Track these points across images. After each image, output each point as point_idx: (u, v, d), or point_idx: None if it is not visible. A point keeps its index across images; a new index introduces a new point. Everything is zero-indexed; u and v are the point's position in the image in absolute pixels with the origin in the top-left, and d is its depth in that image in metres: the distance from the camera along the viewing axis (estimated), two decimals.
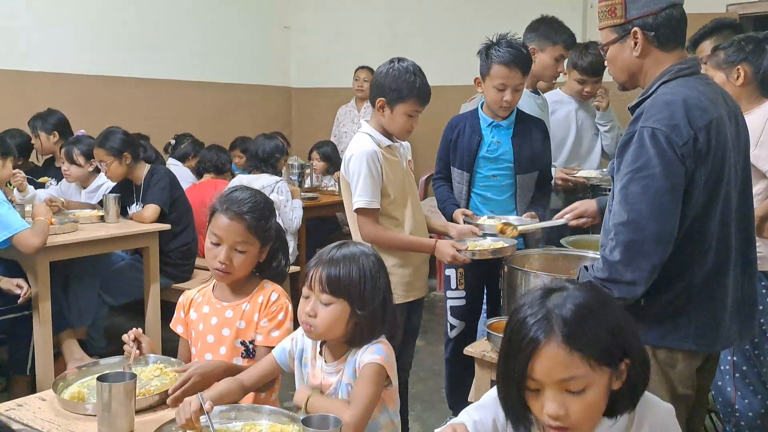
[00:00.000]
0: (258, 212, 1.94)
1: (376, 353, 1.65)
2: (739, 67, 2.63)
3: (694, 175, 1.72)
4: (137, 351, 1.91)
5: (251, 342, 1.95)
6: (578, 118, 3.63)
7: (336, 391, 1.68)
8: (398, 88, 2.48)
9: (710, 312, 1.78)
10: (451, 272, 2.92)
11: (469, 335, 2.95)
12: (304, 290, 1.68)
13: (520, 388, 1.23)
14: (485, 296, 3.08)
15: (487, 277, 2.92)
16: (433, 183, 3.11)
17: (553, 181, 3.11)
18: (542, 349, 1.18)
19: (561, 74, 3.28)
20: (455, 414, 2.96)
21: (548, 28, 3.15)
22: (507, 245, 2.54)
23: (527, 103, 3.08)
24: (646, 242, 1.70)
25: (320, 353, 1.74)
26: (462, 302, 2.94)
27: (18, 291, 3.21)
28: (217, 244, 1.93)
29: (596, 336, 1.19)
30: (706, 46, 3.02)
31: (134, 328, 1.95)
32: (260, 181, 4.21)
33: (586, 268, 1.85)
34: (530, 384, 1.21)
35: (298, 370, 1.79)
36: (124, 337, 1.93)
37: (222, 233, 1.92)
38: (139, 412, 1.68)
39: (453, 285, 2.94)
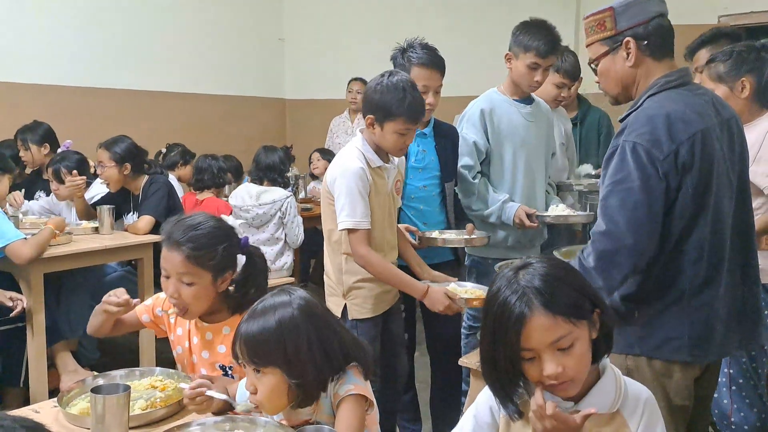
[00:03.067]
0: (198, 241, 1.79)
1: (348, 383, 1.55)
2: (743, 78, 2.55)
3: (681, 188, 1.74)
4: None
5: (230, 367, 1.89)
6: None
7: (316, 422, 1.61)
8: (387, 105, 2.36)
9: (703, 322, 1.78)
10: None
11: (410, 345, 2.94)
12: (239, 361, 1.55)
13: (515, 361, 1.36)
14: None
15: None
16: None
17: (512, 219, 2.89)
18: (529, 321, 1.33)
19: (539, 84, 2.98)
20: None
21: (524, 33, 2.90)
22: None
23: (506, 113, 2.95)
24: (620, 254, 1.75)
25: None
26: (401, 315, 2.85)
27: (10, 304, 3.19)
28: (167, 276, 1.82)
29: (568, 297, 1.35)
30: (702, 55, 2.96)
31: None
32: (271, 194, 4.21)
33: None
34: (525, 354, 1.35)
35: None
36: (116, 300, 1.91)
37: (166, 265, 1.82)
38: (145, 425, 1.67)
39: None
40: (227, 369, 1.90)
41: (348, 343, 1.60)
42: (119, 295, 1.92)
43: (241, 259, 1.90)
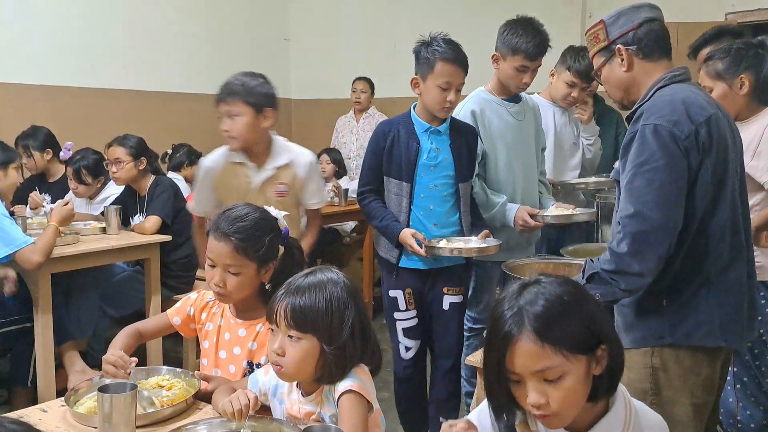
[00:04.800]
0: (246, 233, 1.85)
1: (348, 379, 1.59)
2: (742, 75, 2.57)
3: (701, 168, 1.77)
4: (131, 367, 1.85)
5: (258, 365, 1.90)
6: (557, 124, 3.41)
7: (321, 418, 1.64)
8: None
9: (732, 305, 1.81)
10: (397, 294, 2.78)
11: (422, 351, 2.86)
12: (272, 325, 1.61)
13: (502, 379, 1.29)
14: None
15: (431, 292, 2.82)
16: (359, 198, 2.83)
17: (513, 221, 2.88)
18: (516, 343, 1.25)
19: (527, 86, 2.93)
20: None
21: (512, 33, 2.83)
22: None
23: (496, 113, 2.92)
24: (653, 233, 1.74)
25: (297, 386, 1.68)
26: (414, 321, 2.80)
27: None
28: (213, 266, 1.87)
29: (566, 328, 1.25)
30: (707, 53, 2.99)
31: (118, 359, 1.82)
32: None
33: (591, 260, 1.87)
34: (511, 376, 1.28)
35: (272, 405, 1.73)
36: (111, 368, 1.82)
37: (213, 255, 1.87)
38: (151, 425, 1.68)
39: (402, 306, 2.78)
40: (254, 366, 1.91)
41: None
42: (121, 360, 1.83)
43: (280, 250, 1.95)
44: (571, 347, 1.24)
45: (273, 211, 1.98)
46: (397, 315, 2.80)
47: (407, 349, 2.82)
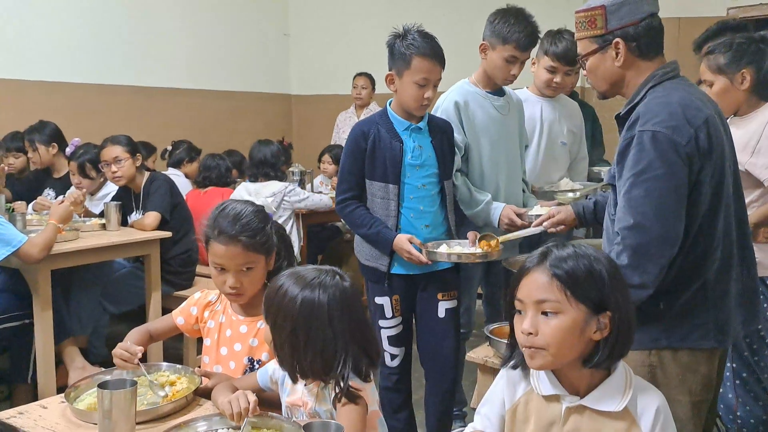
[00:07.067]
0: (251, 229, 1.86)
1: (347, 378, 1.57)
2: (744, 70, 2.54)
3: (701, 172, 1.73)
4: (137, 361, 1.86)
5: (258, 361, 1.90)
6: (543, 118, 3.17)
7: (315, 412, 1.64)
8: None
9: (726, 307, 1.80)
10: (384, 300, 2.65)
11: (407, 358, 2.75)
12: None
13: (513, 312, 1.44)
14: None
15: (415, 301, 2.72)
16: (340, 206, 2.66)
17: (497, 220, 2.78)
18: (530, 273, 1.41)
19: (514, 78, 2.80)
20: None
21: (502, 23, 2.71)
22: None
23: (480, 106, 2.81)
24: (653, 244, 1.70)
25: (302, 377, 1.65)
26: (399, 329, 2.68)
27: None
28: (223, 269, 1.87)
29: (578, 273, 1.38)
30: None
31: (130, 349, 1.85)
32: (269, 188, 4.20)
33: None
34: (516, 304, 1.42)
35: (281, 394, 1.74)
36: (120, 362, 1.85)
37: (223, 261, 1.86)
38: (151, 421, 1.68)
39: (389, 314, 2.65)
40: (255, 363, 1.91)
41: (360, 348, 1.59)
42: (127, 351, 1.86)
43: None
44: (574, 290, 1.36)
45: (257, 200, 1.99)
46: (382, 323, 2.66)
47: (393, 357, 2.70)
